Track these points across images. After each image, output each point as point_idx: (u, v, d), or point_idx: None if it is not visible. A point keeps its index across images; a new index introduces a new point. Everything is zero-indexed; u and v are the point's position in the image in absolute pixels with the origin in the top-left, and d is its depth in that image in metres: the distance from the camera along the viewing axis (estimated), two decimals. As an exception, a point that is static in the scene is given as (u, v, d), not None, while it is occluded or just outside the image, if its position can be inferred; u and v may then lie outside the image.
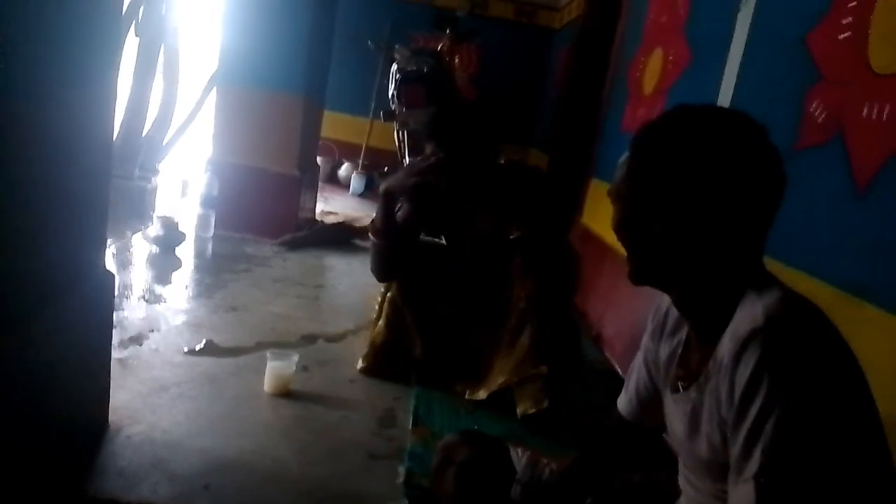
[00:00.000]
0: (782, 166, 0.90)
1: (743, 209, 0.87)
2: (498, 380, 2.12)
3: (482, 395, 2.14)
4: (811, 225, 1.66)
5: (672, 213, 0.88)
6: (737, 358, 0.81)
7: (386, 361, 2.28)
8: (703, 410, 0.92)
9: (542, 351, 2.06)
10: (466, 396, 2.18)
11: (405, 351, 2.28)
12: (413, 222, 2.24)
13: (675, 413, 1.02)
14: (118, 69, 1.53)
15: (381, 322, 2.30)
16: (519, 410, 2.06)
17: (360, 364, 2.29)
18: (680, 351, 1.04)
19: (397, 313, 2.27)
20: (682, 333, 1.04)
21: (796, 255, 1.64)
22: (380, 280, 2.33)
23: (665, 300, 1.10)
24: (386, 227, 2.19)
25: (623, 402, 1.23)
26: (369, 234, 2.24)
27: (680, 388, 1.00)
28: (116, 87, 1.53)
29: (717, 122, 0.90)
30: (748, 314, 0.83)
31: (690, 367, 0.99)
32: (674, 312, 1.07)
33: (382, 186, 2.19)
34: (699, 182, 0.86)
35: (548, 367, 2.04)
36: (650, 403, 1.16)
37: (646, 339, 1.16)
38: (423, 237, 2.36)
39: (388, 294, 2.29)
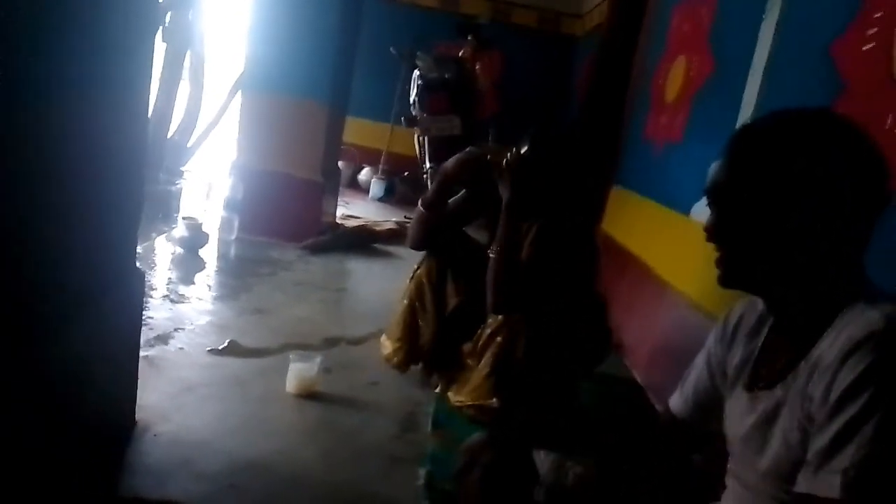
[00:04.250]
0: (887, 181, 0.90)
1: (839, 214, 0.88)
2: (460, 396, 2.12)
3: (454, 401, 2.14)
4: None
5: (768, 212, 0.90)
6: (844, 357, 0.82)
7: (403, 333, 2.34)
8: (784, 408, 0.93)
9: (496, 384, 2.05)
10: (437, 389, 2.20)
11: (415, 336, 2.33)
12: (460, 215, 2.34)
13: (745, 411, 1.02)
14: (151, 74, 1.56)
15: (405, 300, 2.37)
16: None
17: (383, 337, 2.40)
18: (757, 353, 1.05)
19: (420, 290, 2.33)
20: (761, 337, 1.05)
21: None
22: (411, 246, 2.42)
23: (738, 306, 1.12)
24: (435, 201, 2.28)
25: (677, 402, 1.24)
26: (419, 203, 2.33)
27: (756, 387, 1.01)
28: (149, 92, 1.57)
29: (824, 126, 0.91)
30: (862, 318, 0.84)
31: (775, 367, 0.99)
32: (751, 317, 1.08)
33: (444, 166, 2.29)
34: (797, 181, 0.88)
35: (500, 401, 2.03)
36: (706, 404, 1.18)
37: (711, 343, 1.17)
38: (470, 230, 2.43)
39: (417, 272, 2.37)
